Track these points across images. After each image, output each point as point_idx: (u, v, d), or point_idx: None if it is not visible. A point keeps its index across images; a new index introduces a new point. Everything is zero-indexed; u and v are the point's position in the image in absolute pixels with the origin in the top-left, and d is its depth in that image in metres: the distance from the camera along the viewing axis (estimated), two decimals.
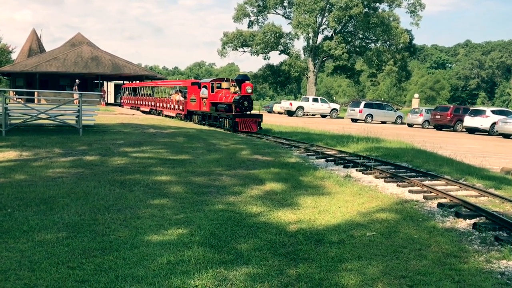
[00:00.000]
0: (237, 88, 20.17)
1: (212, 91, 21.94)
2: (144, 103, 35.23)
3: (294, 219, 6.66)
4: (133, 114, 28.73)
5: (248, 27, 55.05)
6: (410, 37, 51.33)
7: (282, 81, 56.34)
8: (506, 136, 27.35)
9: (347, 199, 7.90)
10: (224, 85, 21.52)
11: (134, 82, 45.22)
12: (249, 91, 19.61)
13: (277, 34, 52.05)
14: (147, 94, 36.00)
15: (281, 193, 8.22)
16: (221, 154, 12.14)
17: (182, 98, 27.07)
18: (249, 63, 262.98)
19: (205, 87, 22.68)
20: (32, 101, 28.40)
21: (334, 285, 4.41)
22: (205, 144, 14.18)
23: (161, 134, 16.37)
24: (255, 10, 53.68)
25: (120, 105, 42.41)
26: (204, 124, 22.94)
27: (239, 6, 53.28)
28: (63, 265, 4.63)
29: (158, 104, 31.76)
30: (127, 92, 41.92)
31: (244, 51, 55.36)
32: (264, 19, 54.92)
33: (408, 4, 50.05)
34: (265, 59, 56.31)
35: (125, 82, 47.41)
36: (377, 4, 50.51)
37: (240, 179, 9.22)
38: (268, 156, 12.38)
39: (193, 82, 25.74)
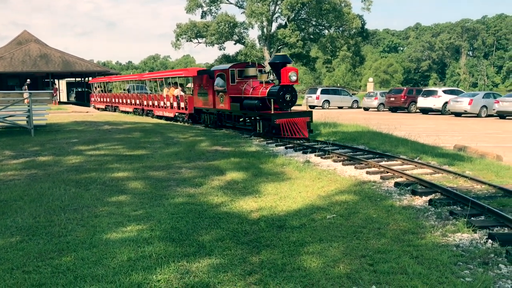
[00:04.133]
0: (271, 76, 14.67)
1: (233, 81, 15.55)
2: (124, 101, 28.58)
3: (256, 207, 6.66)
4: (87, 112, 28.06)
5: (202, 18, 54.40)
6: (362, 22, 52.06)
7: None
8: (457, 114, 28.33)
9: (307, 184, 7.98)
10: (251, 71, 15.56)
11: (108, 76, 40.26)
12: (294, 78, 13.28)
13: (231, 24, 51.70)
14: (128, 90, 29.90)
15: (242, 182, 8.21)
16: (179, 147, 12.01)
17: (182, 93, 20.94)
18: (205, 54, 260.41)
19: (221, 76, 16.00)
20: None
21: (296, 269, 4.44)
22: (163, 138, 13.99)
23: (116, 130, 16.04)
24: (207, 0, 53.10)
25: (87, 104, 37.82)
26: (221, 128, 17.02)
27: None
28: (18, 270, 4.46)
29: (145, 103, 25.20)
30: (98, 89, 35.25)
31: (198, 42, 54.69)
32: (217, 9, 54.37)
33: None
34: (220, 49, 55.72)
35: (90, 78, 41.82)
36: None
37: (200, 171, 9.15)
38: (228, 146, 12.34)
39: (201, 70, 19.29)
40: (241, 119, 16.35)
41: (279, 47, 54.94)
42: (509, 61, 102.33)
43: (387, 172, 8.69)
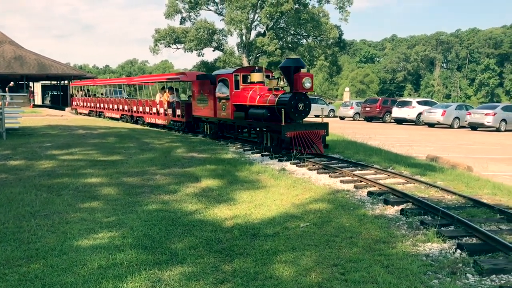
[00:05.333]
0: (281, 82, 12.70)
1: (237, 87, 14.00)
2: (111, 106, 26.72)
3: (230, 214, 6.65)
4: (62, 116, 27.61)
5: (181, 24, 54.34)
6: (340, 32, 52.78)
7: None
8: (431, 125, 28.85)
9: (282, 192, 8.01)
10: (257, 77, 13.76)
11: (93, 78, 39.23)
12: (308, 85, 11.59)
13: (210, 31, 51.76)
14: (116, 94, 28.32)
15: (217, 189, 8.20)
16: (155, 153, 11.92)
17: (176, 99, 19.16)
18: (184, 60, 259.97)
19: (224, 81, 14.42)
20: None
21: (269, 278, 4.45)
22: (138, 143, 13.86)
23: (91, 135, 15.83)
24: (186, 6, 53.01)
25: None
26: (218, 140, 15.20)
27: (170, 2, 52.39)
28: None
29: (135, 109, 23.19)
30: (81, 92, 33.41)
31: (177, 48, 54.57)
32: (196, 16, 54.41)
33: (336, 0, 51.45)
34: (199, 55, 55.70)
35: (72, 81, 39.65)
36: (307, 0, 51.54)
37: (175, 177, 9.10)
38: (204, 153, 12.30)
39: (201, 74, 17.38)
40: (245, 130, 14.65)
41: (257, 55, 55.21)
42: (481, 74, 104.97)
43: (361, 181, 8.79)
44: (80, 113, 32.18)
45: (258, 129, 13.23)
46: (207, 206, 7.06)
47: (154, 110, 20.77)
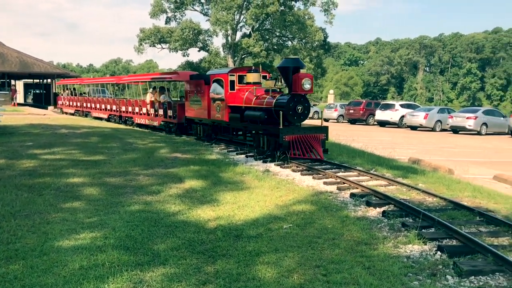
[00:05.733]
0: (279, 83, 12.24)
1: (232, 88, 13.60)
2: (98, 106, 26.14)
3: (214, 216, 6.65)
4: (44, 114, 27.28)
5: (166, 23, 54.12)
6: (325, 35, 53.06)
7: None
8: (413, 128, 29.17)
9: (265, 193, 8.02)
10: (253, 77, 13.20)
11: (77, 77, 38.60)
12: (308, 86, 11.18)
13: (196, 31, 51.63)
14: (104, 94, 27.77)
15: (201, 190, 8.18)
16: (138, 154, 11.84)
17: (168, 99, 18.44)
18: (169, 60, 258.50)
19: (219, 81, 13.88)
20: None
21: (251, 279, 4.46)
22: (121, 143, 13.76)
23: (73, 134, 15.66)
24: (172, 6, 52.79)
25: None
26: (211, 143, 14.54)
27: (155, 1, 52.12)
28: None
29: (124, 109, 22.48)
30: (67, 91, 32.79)
31: (162, 47, 54.33)
32: (181, 16, 54.23)
33: (322, 2, 51.73)
34: (184, 56, 55.52)
35: (59, 80, 38.34)
36: (293, 3, 51.69)
37: (158, 178, 9.05)
38: (188, 153, 12.27)
39: (195, 74, 16.90)
40: (239, 132, 14.16)
41: (243, 56, 55.23)
42: (463, 78, 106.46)
43: (344, 183, 8.85)
44: (66, 113, 31.50)
45: (254, 132, 12.74)
46: (190, 207, 7.04)
47: (144, 110, 20.17)
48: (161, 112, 18.44)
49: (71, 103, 30.99)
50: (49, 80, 42.50)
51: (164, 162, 10.78)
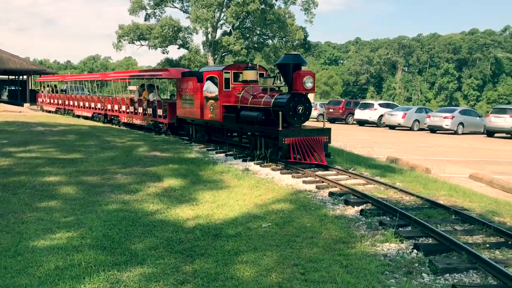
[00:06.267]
0: (278, 81, 11.47)
1: (227, 86, 12.77)
2: (81, 104, 25.05)
3: (192, 215, 6.62)
4: (20, 112, 26.75)
5: (145, 20, 53.61)
6: (305, 34, 53.26)
7: None
8: (392, 127, 29.52)
9: (245, 192, 8.02)
10: (250, 75, 12.49)
11: (54, 74, 37.49)
12: (310, 85, 10.52)
13: (175, 28, 51.27)
14: (65, 90, 27.18)
15: (180, 189, 8.13)
16: (116, 152, 11.72)
17: (158, 97, 17.41)
18: (148, 56, 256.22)
19: (212, 79, 13.08)
20: None
21: (229, 278, 4.45)
22: (99, 141, 13.59)
23: (50, 132, 15.41)
24: (151, 3, 52.30)
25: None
26: (207, 145, 13.86)
27: None
28: None
29: (109, 107, 21.45)
30: (48, 88, 31.34)
31: (141, 44, 53.81)
32: (161, 13, 53.76)
33: (302, 1, 51.90)
34: (164, 53, 55.06)
35: (40, 75, 37.39)
36: (273, 1, 51.77)
37: (137, 177, 8.97)
38: (167, 152, 12.18)
39: (187, 72, 16.08)
40: (235, 134, 13.33)
41: (223, 54, 55.10)
42: (441, 78, 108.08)
43: (323, 182, 8.90)
44: (47, 111, 30.31)
45: (250, 133, 11.98)
46: (169, 206, 7.00)
47: (131, 109, 19.18)
48: (149, 111, 17.58)
49: (52, 101, 29.82)
50: (25, 77, 41.68)
51: (142, 161, 10.69)
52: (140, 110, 18.36)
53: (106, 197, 7.38)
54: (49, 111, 29.66)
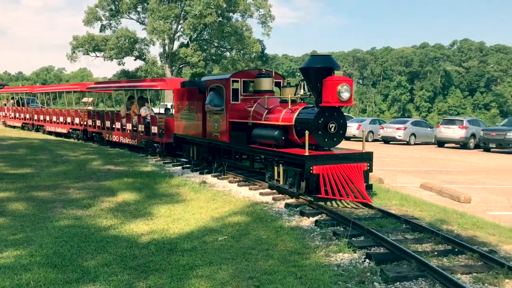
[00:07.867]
0: (301, 91, 9.22)
1: (235, 97, 10.41)
2: (55, 119, 21.84)
3: (147, 230, 6.53)
4: None
5: (100, 31, 52.77)
6: (262, 46, 53.84)
7: None
8: (347, 138, 30.02)
9: (201, 205, 7.99)
10: (264, 84, 10.30)
11: (4, 86, 35.14)
12: (346, 95, 8.21)
13: (132, 40, 50.67)
14: (17, 103, 25.05)
15: (134, 204, 8.01)
16: (69, 166, 11.42)
17: (151, 112, 15.20)
18: (104, 68, 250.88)
19: (217, 90, 10.72)
20: None
21: None
22: (52, 155, 13.22)
23: None
24: (107, 14, 51.58)
25: None
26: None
27: (89, 9, 50.72)
28: None
29: (91, 123, 18.33)
30: (11, 101, 28.75)
31: (96, 56, 52.86)
32: (117, 24, 53.09)
33: (259, 15, 52.47)
34: (119, 64, 54.25)
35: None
36: (231, 14, 52.11)
37: (90, 191, 8.78)
38: (122, 165, 11.98)
39: (187, 82, 13.64)
40: (244, 156, 10.98)
41: (181, 66, 54.86)
42: (394, 90, 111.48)
43: (279, 194, 8.98)
44: (12, 126, 27.55)
45: (264, 157, 9.76)
46: (123, 221, 6.88)
47: (118, 125, 16.34)
48: (141, 128, 14.88)
49: (17, 115, 26.77)
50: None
51: (96, 175, 10.46)
52: (129, 126, 15.62)
53: (58, 213, 7.18)
54: (14, 127, 27.25)
